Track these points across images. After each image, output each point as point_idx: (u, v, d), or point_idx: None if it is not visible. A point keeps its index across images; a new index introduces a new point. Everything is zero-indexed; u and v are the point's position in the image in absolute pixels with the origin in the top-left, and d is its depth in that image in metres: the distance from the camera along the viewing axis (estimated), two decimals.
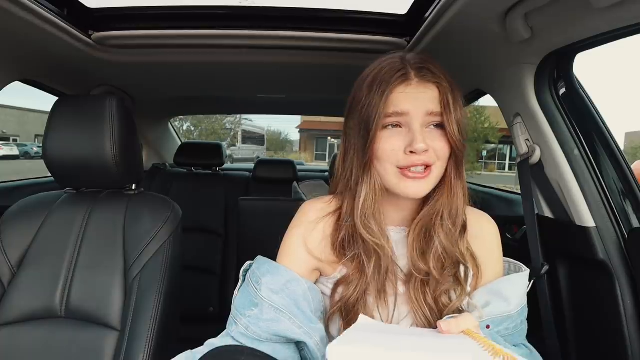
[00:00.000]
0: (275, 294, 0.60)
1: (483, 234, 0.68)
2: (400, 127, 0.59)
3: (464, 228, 0.65)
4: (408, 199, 0.61)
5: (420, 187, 0.59)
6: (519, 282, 0.66)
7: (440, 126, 0.59)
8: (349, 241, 0.63)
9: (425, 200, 0.63)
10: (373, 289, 0.61)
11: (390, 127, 0.59)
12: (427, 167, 0.58)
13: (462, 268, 0.64)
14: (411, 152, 0.57)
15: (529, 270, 0.68)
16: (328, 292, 0.65)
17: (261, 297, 0.60)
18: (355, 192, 0.62)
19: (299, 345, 0.61)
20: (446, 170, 0.61)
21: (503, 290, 0.64)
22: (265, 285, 0.61)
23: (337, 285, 0.64)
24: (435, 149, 0.58)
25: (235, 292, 0.65)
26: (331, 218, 0.66)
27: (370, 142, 0.58)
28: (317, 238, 0.65)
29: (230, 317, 0.63)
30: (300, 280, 0.62)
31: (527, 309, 0.66)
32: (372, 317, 0.61)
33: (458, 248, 0.63)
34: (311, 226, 0.65)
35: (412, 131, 0.57)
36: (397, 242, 0.65)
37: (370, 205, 0.61)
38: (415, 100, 0.58)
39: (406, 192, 0.59)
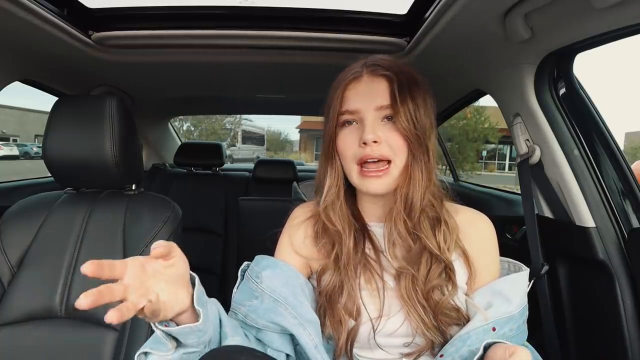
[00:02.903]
0: (275, 286, 0.63)
1: (478, 233, 0.68)
2: (356, 123, 0.63)
3: (437, 220, 0.64)
4: (371, 195, 0.65)
5: (381, 184, 0.62)
6: (520, 281, 0.66)
7: (392, 119, 0.61)
8: (322, 232, 0.67)
9: None
10: (345, 277, 0.63)
11: (347, 124, 0.63)
12: (388, 162, 0.61)
13: (462, 271, 0.65)
14: (364, 143, 0.60)
15: (528, 270, 0.68)
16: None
17: (261, 289, 0.63)
18: (324, 184, 0.66)
19: (294, 338, 0.63)
20: (405, 161, 0.63)
21: (504, 290, 0.64)
22: (266, 278, 0.64)
23: (319, 277, 0.67)
24: (389, 142, 0.61)
25: (235, 290, 0.67)
26: (313, 219, 0.70)
27: (330, 137, 0.64)
28: (300, 237, 0.70)
29: (229, 311, 0.65)
30: (298, 274, 0.66)
31: (527, 310, 0.66)
32: (359, 307, 0.62)
33: (422, 237, 0.62)
34: (294, 228, 0.71)
35: (364, 124, 0.61)
36: (382, 237, 0.67)
37: (332, 194, 0.65)
38: (365, 97, 0.62)
39: (368, 189, 0.63)
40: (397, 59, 0.67)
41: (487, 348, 0.55)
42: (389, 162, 0.61)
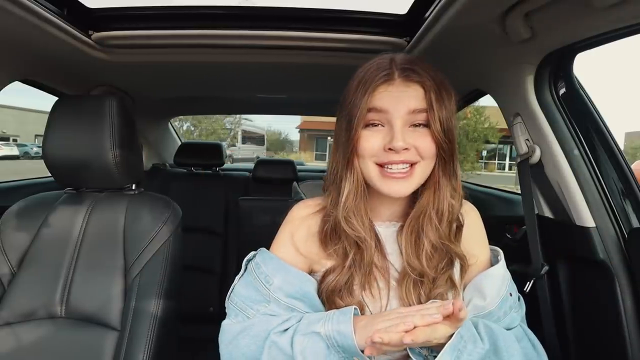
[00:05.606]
0: (288, 292, 0.62)
1: (468, 222, 0.68)
2: (382, 125, 0.60)
3: (459, 229, 0.65)
4: (393, 197, 0.62)
5: (403, 187, 0.60)
6: (496, 274, 0.66)
7: (424, 125, 0.60)
8: (332, 234, 0.65)
9: (414, 196, 0.65)
10: (357, 280, 0.63)
11: (372, 125, 0.60)
12: (411, 165, 0.60)
13: (455, 269, 0.65)
14: (390, 149, 0.58)
15: (502, 260, 0.68)
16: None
17: (276, 298, 0.62)
18: (340, 187, 0.63)
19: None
20: (434, 168, 0.62)
21: (483, 286, 0.65)
22: (278, 286, 0.62)
23: (324, 277, 0.65)
24: (419, 147, 0.59)
25: (236, 281, 0.66)
26: (317, 216, 0.68)
27: (352, 138, 0.60)
28: (303, 235, 0.67)
29: (231, 305, 0.64)
30: (310, 279, 0.65)
31: (510, 299, 0.66)
32: (362, 308, 0.62)
33: (449, 246, 0.63)
34: (297, 223, 0.68)
35: (393, 129, 0.58)
36: (387, 238, 0.66)
37: (352, 200, 0.62)
38: (397, 99, 0.59)
39: (388, 192, 0.60)
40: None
41: None
42: (412, 164, 0.60)
